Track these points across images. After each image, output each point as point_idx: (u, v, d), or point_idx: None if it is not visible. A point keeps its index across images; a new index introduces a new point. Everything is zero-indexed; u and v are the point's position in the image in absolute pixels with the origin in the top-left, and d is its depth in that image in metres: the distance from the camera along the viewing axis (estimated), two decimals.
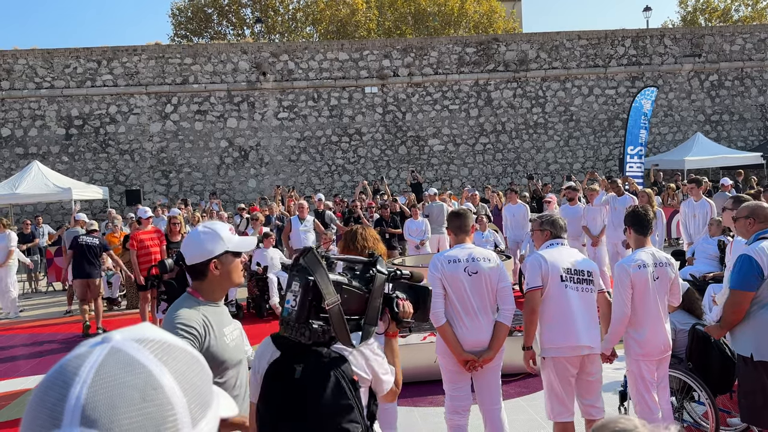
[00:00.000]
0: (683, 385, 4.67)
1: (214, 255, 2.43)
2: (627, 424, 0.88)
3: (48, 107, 21.13)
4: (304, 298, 1.78)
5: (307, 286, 1.79)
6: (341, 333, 1.80)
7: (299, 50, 22.59)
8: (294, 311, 1.80)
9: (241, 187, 22.03)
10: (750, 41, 23.95)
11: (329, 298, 1.77)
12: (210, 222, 2.57)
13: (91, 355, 0.71)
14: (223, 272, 2.46)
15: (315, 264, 1.81)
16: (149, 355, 0.72)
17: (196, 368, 0.76)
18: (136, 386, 0.68)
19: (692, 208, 9.37)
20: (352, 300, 1.87)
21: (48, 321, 10.76)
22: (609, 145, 23.44)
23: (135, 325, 0.78)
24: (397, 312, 2.03)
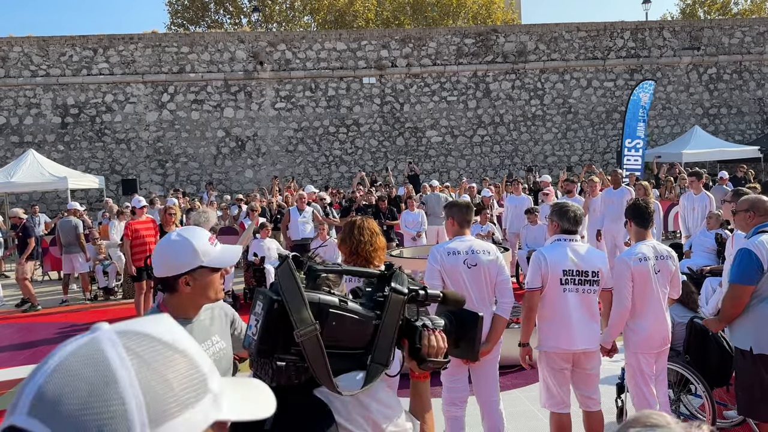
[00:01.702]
0: (680, 377, 4.68)
1: (185, 270, 2.08)
2: (660, 420, 0.85)
3: (43, 95, 20.99)
4: (266, 325, 1.27)
5: (270, 308, 1.27)
6: (321, 374, 1.28)
7: (297, 40, 22.46)
8: (254, 341, 1.29)
9: (238, 177, 21.96)
10: (749, 34, 23.90)
11: (301, 327, 1.25)
12: (185, 228, 2.19)
13: (69, 345, 0.70)
14: (196, 289, 2.12)
15: (287, 278, 1.29)
16: (120, 349, 0.69)
17: (179, 368, 0.71)
18: (88, 380, 0.66)
19: (692, 202, 9.37)
20: (348, 328, 1.33)
21: (44, 310, 10.73)
22: (607, 138, 23.42)
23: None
24: (420, 348, 1.41)
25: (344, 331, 1.33)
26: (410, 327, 1.42)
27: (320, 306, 1.30)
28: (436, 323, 1.45)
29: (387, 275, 1.42)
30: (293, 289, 1.28)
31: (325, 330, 1.27)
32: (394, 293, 1.38)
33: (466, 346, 1.52)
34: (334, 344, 1.30)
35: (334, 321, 1.30)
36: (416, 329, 1.42)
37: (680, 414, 4.76)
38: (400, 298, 1.39)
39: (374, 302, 1.38)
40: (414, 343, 1.42)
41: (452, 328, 1.49)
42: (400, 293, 1.39)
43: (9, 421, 0.66)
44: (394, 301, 1.38)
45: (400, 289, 1.39)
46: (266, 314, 1.28)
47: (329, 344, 1.28)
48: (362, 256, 3.55)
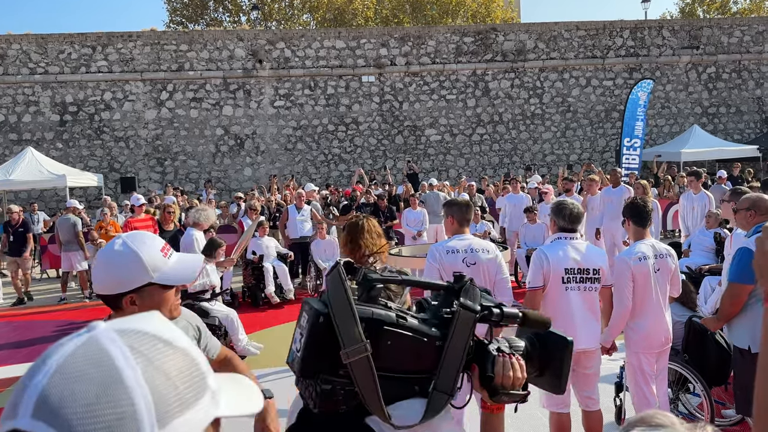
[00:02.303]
0: (679, 376, 4.69)
1: (130, 288, 1.72)
2: (664, 420, 0.85)
3: (42, 93, 20.96)
4: (311, 340, 1.11)
5: (315, 322, 1.11)
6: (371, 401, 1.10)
7: (296, 38, 22.44)
8: (297, 358, 1.13)
9: (237, 175, 21.94)
10: (748, 33, 23.91)
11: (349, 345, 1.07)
12: (132, 235, 1.79)
13: (68, 344, 0.68)
14: (143, 308, 1.70)
15: (335, 288, 1.12)
16: (123, 348, 0.68)
17: (180, 365, 0.71)
18: (94, 380, 0.64)
19: (691, 201, 9.38)
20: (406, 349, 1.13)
21: (43, 308, 10.72)
22: (606, 137, 23.43)
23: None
24: (492, 376, 1.18)
25: (401, 352, 1.13)
26: (482, 350, 1.20)
27: (373, 322, 1.11)
28: (514, 346, 1.23)
29: (456, 288, 1.20)
30: (342, 301, 1.10)
31: (378, 350, 1.09)
32: (464, 310, 1.17)
33: (550, 376, 1.27)
34: (388, 367, 1.11)
35: (389, 340, 1.12)
36: (489, 354, 1.19)
37: (679, 413, 4.76)
38: (471, 317, 1.17)
39: (439, 319, 1.17)
40: (485, 371, 1.19)
41: (535, 353, 1.26)
42: (470, 310, 1.17)
43: (11, 425, 0.64)
44: (462, 320, 1.16)
45: (471, 306, 1.18)
46: (310, 329, 1.11)
47: (383, 366, 1.09)
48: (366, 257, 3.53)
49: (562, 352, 1.26)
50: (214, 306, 6.90)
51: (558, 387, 1.28)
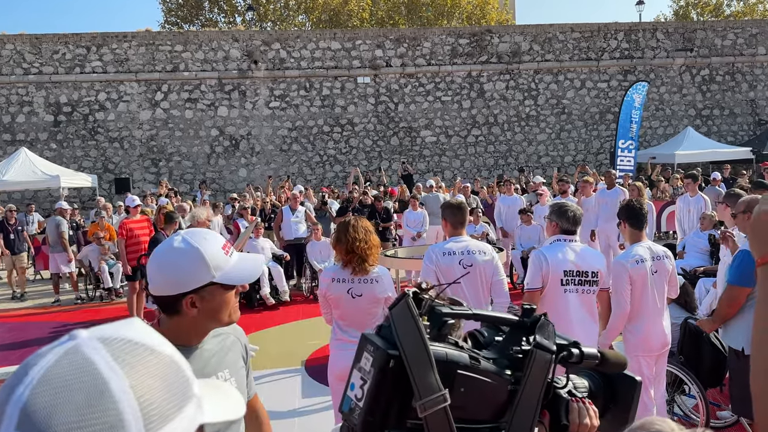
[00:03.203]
0: (674, 378, 4.70)
1: (191, 288, 1.60)
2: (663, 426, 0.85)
3: (36, 93, 20.87)
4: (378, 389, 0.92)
5: (385, 366, 0.92)
6: None
7: (291, 39, 22.42)
8: (358, 409, 0.94)
9: (232, 176, 21.90)
10: (741, 36, 24.03)
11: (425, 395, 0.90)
12: (192, 232, 1.67)
13: (49, 354, 0.66)
14: (204, 311, 1.63)
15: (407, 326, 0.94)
16: (107, 357, 0.66)
17: (165, 373, 0.70)
18: (80, 390, 0.63)
19: (687, 203, 9.43)
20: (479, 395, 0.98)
21: (36, 310, 10.66)
22: (600, 139, 23.49)
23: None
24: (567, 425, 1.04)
25: (474, 399, 0.98)
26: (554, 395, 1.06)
27: (448, 365, 0.94)
28: (579, 387, 1.09)
29: (527, 323, 1.05)
30: (417, 343, 0.92)
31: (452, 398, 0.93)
32: (540, 350, 1.01)
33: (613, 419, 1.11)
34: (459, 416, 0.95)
35: (462, 386, 0.96)
36: (562, 399, 1.05)
37: (674, 414, 4.77)
38: (547, 358, 1.01)
39: (509, 359, 1.02)
40: (560, 419, 1.04)
41: (599, 394, 1.11)
42: (547, 350, 1.01)
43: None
44: (538, 361, 1.00)
45: (547, 345, 1.02)
46: (378, 375, 0.92)
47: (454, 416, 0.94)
48: (358, 255, 3.57)
49: (631, 394, 1.11)
50: None
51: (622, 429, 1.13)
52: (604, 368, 1.08)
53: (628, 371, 1.11)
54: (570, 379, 1.09)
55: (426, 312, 0.99)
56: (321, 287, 3.84)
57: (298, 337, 8.13)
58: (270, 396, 5.92)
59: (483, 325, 1.10)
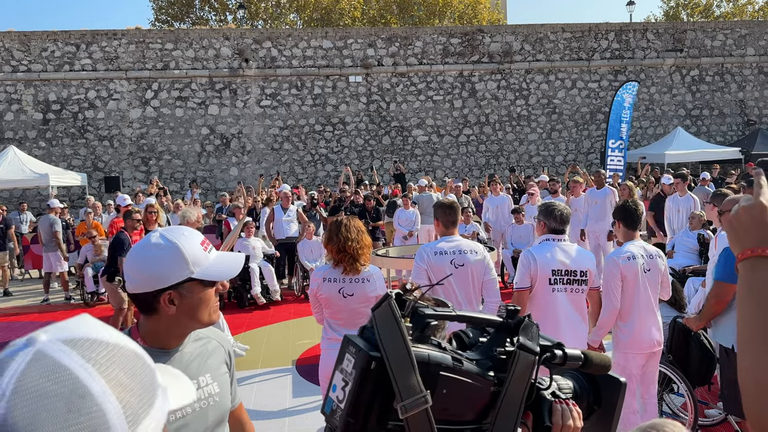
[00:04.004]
0: (663, 376, 4.73)
1: (169, 284, 1.57)
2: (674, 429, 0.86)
3: (25, 91, 20.70)
4: (359, 391, 0.92)
5: (366, 368, 0.92)
6: None
7: (282, 37, 22.36)
8: (339, 410, 0.93)
9: (223, 175, 21.82)
10: (731, 37, 24.21)
11: (407, 397, 0.90)
12: (170, 229, 1.66)
13: (13, 362, 0.64)
14: (182, 309, 1.59)
15: (389, 328, 0.94)
16: (77, 358, 0.65)
17: (133, 367, 0.70)
18: (61, 395, 0.62)
19: (677, 203, 9.48)
20: (461, 396, 0.98)
21: (25, 309, 10.58)
22: (591, 138, 23.60)
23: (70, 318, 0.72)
24: (550, 426, 1.04)
25: (456, 400, 0.98)
26: (537, 396, 1.05)
27: (430, 367, 0.94)
28: (564, 389, 1.09)
29: (511, 324, 1.05)
30: (398, 345, 0.92)
31: (433, 399, 0.92)
32: (523, 351, 1.01)
33: (599, 421, 1.11)
34: (441, 417, 0.95)
35: (445, 388, 0.95)
36: (545, 400, 1.05)
37: (663, 413, 4.80)
38: (531, 359, 1.01)
39: (493, 360, 1.02)
40: (543, 420, 1.04)
41: (584, 395, 1.11)
42: (530, 352, 1.01)
43: None
44: (522, 363, 1.00)
45: (531, 347, 1.01)
46: (360, 377, 0.92)
47: (436, 418, 0.94)
48: (350, 254, 3.57)
49: (616, 395, 1.11)
50: None
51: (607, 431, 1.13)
52: (587, 370, 1.07)
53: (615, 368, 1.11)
54: (555, 380, 1.09)
55: (409, 313, 0.98)
56: (312, 286, 3.84)
57: (289, 336, 8.12)
58: (261, 395, 5.91)
59: (468, 326, 1.09)
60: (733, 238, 1.08)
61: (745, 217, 1.07)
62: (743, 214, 1.07)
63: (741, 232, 1.07)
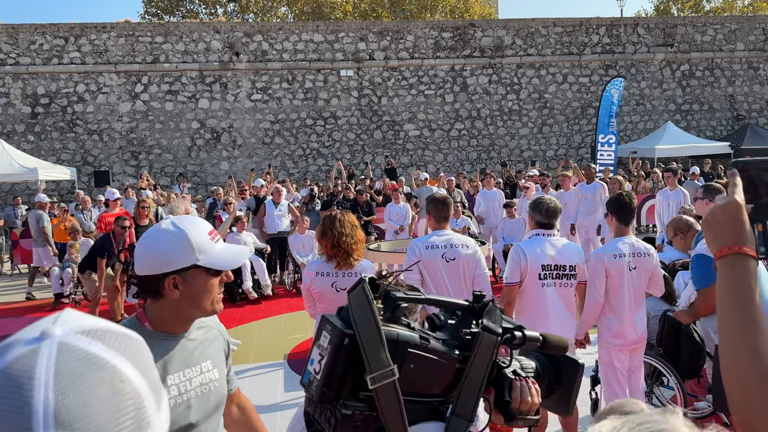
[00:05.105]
0: (653, 369, 4.77)
1: (174, 269, 1.64)
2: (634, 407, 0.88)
3: (13, 84, 20.49)
4: (333, 364, 1.03)
5: (340, 344, 1.03)
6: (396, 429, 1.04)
7: (273, 31, 22.25)
8: (316, 381, 1.04)
9: (213, 169, 21.72)
10: (720, 32, 24.32)
11: (376, 370, 1.00)
12: (181, 217, 1.75)
13: (41, 354, 0.65)
14: (186, 294, 1.66)
15: (362, 308, 1.05)
16: (103, 347, 0.68)
17: (143, 351, 0.74)
18: (103, 381, 0.65)
19: (667, 197, 9.54)
20: (428, 372, 1.09)
21: (12, 305, 10.50)
22: (582, 133, 23.67)
23: (59, 313, 0.73)
24: (510, 401, 1.14)
25: (423, 376, 1.08)
26: (499, 374, 1.15)
27: (398, 344, 1.05)
28: (526, 368, 1.19)
29: (477, 308, 1.15)
30: (370, 323, 1.03)
31: (401, 373, 1.02)
32: (486, 332, 1.11)
33: (558, 398, 1.22)
34: (408, 390, 1.05)
35: (412, 363, 1.06)
36: (506, 378, 1.15)
37: (653, 405, 4.84)
38: (493, 339, 1.11)
39: (459, 340, 1.12)
40: (503, 395, 1.14)
41: (545, 375, 1.21)
42: (493, 333, 1.11)
43: None
44: (485, 343, 1.10)
45: (493, 328, 1.12)
46: (334, 351, 1.03)
47: (404, 390, 1.03)
48: (343, 249, 3.56)
49: (574, 376, 1.22)
50: None
51: (566, 410, 1.24)
52: (546, 350, 1.18)
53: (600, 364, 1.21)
54: (518, 360, 1.19)
55: (381, 296, 1.10)
56: (305, 281, 3.84)
57: (281, 331, 8.11)
58: (252, 390, 5.90)
59: (441, 310, 1.19)
60: (710, 236, 1.11)
61: (721, 215, 1.10)
62: (719, 213, 1.11)
63: (718, 230, 1.10)
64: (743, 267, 1.06)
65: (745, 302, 1.03)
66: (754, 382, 0.97)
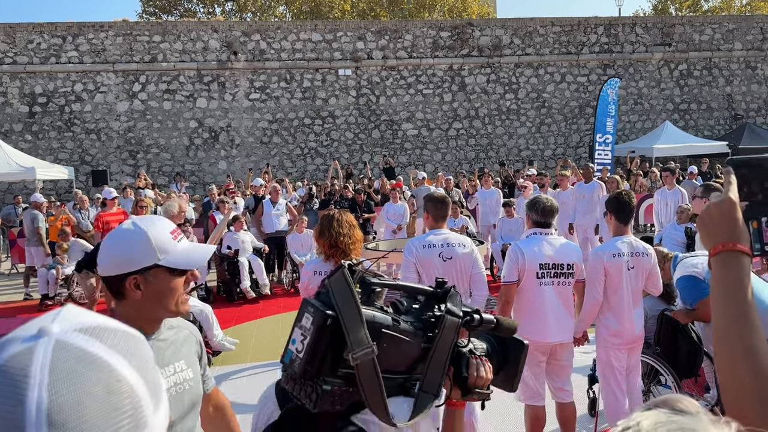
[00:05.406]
0: (651, 368, 4.76)
1: (134, 269, 1.63)
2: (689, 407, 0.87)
3: (10, 84, 20.45)
4: (316, 343, 1.11)
5: (323, 324, 1.11)
6: (375, 402, 1.14)
7: (271, 30, 22.22)
8: (298, 359, 1.12)
9: (211, 168, 21.70)
10: (718, 32, 24.34)
11: (357, 348, 1.09)
12: (143, 217, 1.76)
13: (36, 352, 0.65)
14: (148, 295, 1.65)
15: (343, 291, 1.14)
16: (100, 345, 0.67)
17: (143, 350, 0.73)
18: (99, 380, 0.64)
19: (665, 197, 9.54)
20: (398, 351, 1.19)
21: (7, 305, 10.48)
22: (580, 132, 23.68)
23: (60, 309, 0.72)
24: (467, 377, 1.27)
25: (394, 355, 1.17)
26: (457, 353, 1.27)
27: (374, 325, 1.14)
28: (479, 348, 1.32)
29: (440, 293, 1.26)
30: (350, 305, 1.12)
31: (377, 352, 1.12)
32: (450, 315, 1.22)
33: (505, 376, 1.37)
34: (382, 368, 1.15)
35: (385, 343, 1.15)
36: (463, 356, 1.28)
37: None
38: (456, 322, 1.23)
39: (424, 323, 1.22)
40: (461, 372, 1.27)
41: (494, 354, 1.34)
42: (455, 316, 1.23)
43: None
44: (448, 325, 1.22)
45: (456, 311, 1.24)
46: (317, 331, 1.11)
47: None
48: (341, 249, 3.55)
49: (519, 355, 1.36)
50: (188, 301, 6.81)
51: (511, 386, 1.38)
52: (499, 331, 1.31)
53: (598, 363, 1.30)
54: (471, 341, 1.31)
55: (358, 281, 1.19)
56: (303, 280, 3.83)
57: (279, 330, 8.10)
58: (250, 389, 5.89)
59: (402, 296, 1.30)
60: (705, 234, 1.13)
61: (716, 212, 1.11)
62: (714, 210, 1.12)
63: (712, 227, 1.12)
64: (737, 264, 1.07)
65: (739, 300, 1.04)
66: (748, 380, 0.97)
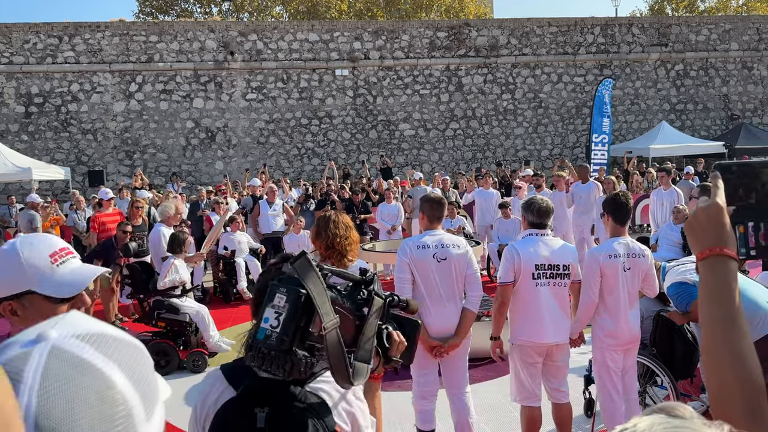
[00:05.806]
0: (646, 369, 4.77)
1: (4, 294, 1.50)
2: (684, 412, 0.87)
3: (6, 84, 20.40)
4: (292, 318, 1.29)
5: (297, 300, 1.29)
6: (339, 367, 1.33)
7: (268, 30, 22.21)
8: (275, 335, 1.28)
9: (208, 169, 21.67)
10: (715, 32, 24.39)
11: (328, 319, 1.30)
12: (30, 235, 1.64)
13: (31, 357, 0.65)
14: (28, 322, 1.40)
15: (309, 272, 1.34)
16: (95, 353, 0.68)
17: (140, 359, 0.73)
18: (91, 387, 0.65)
19: (661, 197, 9.55)
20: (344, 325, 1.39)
21: None
22: (576, 133, 23.71)
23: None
24: (388, 347, 1.54)
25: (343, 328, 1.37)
26: (379, 329, 1.52)
27: (332, 302, 1.38)
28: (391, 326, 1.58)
29: (366, 280, 1.51)
30: (317, 284, 1.34)
31: None
32: (376, 296, 1.48)
33: (405, 351, 1.63)
34: None
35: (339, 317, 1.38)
36: (383, 330, 1.53)
37: (646, 405, 4.85)
38: (381, 302, 1.49)
39: (355, 303, 1.47)
40: (383, 344, 1.53)
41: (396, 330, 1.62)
42: (381, 297, 1.50)
43: None
44: (375, 304, 1.47)
45: (381, 294, 1.50)
46: (293, 307, 1.31)
47: None
48: (338, 250, 3.54)
49: (415, 332, 1.65)
50: (184, 302, 6.81)
51: (409, 359, 1.65)
52: (406, 311, 1.62)
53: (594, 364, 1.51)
54: None
55: None
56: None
57: None
58: None
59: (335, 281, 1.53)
60: (693, 239, 1.13)
61: (704, 217, 1.12)
62: (701, 215, 1.13)
63: (700, 232, 1.12)
64: (724, 269, 1.07)
65: (726, 304, 1.04)
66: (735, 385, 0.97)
